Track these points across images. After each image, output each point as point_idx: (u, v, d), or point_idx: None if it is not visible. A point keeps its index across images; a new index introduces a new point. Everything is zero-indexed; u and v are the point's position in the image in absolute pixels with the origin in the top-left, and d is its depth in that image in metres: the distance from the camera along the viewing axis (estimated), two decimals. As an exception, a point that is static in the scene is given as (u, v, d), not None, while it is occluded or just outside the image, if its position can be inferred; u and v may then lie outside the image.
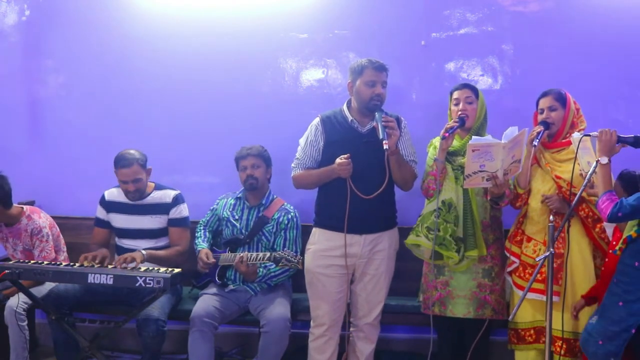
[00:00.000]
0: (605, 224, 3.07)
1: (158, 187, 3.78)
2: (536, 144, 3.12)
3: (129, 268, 3.31)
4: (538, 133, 3.15)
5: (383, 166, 3.24)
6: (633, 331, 2.76)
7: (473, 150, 3.01)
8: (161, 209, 3.72)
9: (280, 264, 3.35)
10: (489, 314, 3.27)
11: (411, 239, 3.33)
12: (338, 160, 3.22)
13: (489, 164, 3.03)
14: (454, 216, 3.24)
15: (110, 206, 3.79)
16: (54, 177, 3.98)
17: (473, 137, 3.13)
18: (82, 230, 3.99)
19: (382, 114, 3.20)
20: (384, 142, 3.10)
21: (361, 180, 3.25)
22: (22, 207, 3.82)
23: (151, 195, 3.74)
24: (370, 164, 3.26)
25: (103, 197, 3.81)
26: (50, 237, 3.78)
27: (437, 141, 3.40)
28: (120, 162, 3.62)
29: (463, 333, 3.39)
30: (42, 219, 3.80)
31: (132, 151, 3.66)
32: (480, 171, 3.06)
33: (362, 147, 3.26)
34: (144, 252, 3.53)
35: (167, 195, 3.75)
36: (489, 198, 3.24)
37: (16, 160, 4.20)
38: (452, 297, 3.30)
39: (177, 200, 3.74)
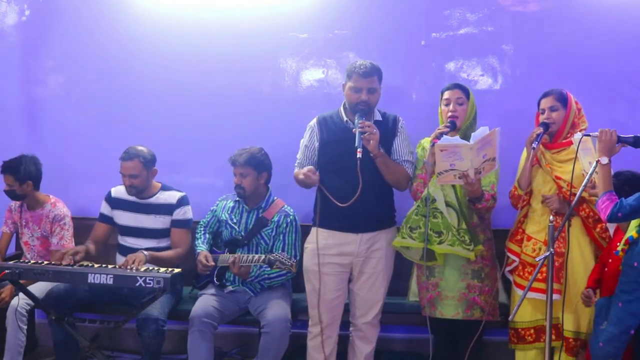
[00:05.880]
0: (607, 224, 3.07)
1: (164, 188, 3.79)
2: (535, 146, 3.11)
3: (133, 270, 3.29)
4: (537, 135, 3.13)
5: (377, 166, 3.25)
6: (632, 332, 2.76)
7: (441, 150, 3.00)
8: (165, 209, 3.73)
9: (274, 267, 3.36)
10: (477, 315, 3.25)
11: (397, 242, 3.30)
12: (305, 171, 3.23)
13: (459, 163, 3.01)
14: (432, 209, 3.20)
15: (116, 203, 3.80)
16: (52, 177, 3.96)
17: (443, 137, 3.09)
18: (81, 230, 3.98)
19: (361, 119, 3.19)
20: (357, 150, 3.11)
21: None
22: (49, 195, 3.91)
23: (157, 195, 3.75)
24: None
25: (109, 193, 3.83)
26: (71, 227, 3.86)
27: (425, 142, 3.38)
28: (124, 154, 3.65)
29: (456, 334, 3.36)
30: (65, 210, 3.89)
31: (140, 147, 3.67)
32: (451, 169, 3.04)
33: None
34: (145, 253, 3.51)
35: (173, 196, 3.75)
36: (468, 198, 3.21)
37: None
38: (441, 298, 3.29)
39: (182, 202, 3.75)
